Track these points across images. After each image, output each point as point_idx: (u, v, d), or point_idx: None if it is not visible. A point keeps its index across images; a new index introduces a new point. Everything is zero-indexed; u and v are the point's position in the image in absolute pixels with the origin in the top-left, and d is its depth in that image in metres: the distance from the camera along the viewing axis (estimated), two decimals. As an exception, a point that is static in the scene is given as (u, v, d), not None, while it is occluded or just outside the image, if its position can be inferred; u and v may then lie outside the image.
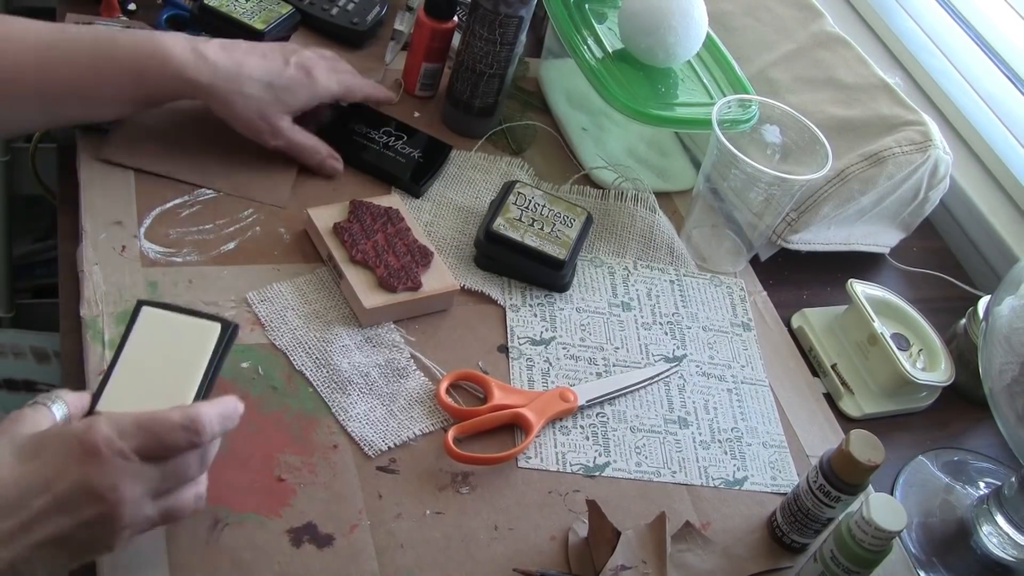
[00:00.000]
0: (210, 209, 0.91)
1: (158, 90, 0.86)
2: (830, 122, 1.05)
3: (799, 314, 1.03)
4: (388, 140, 1.00)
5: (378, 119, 1.03)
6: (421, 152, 1.01)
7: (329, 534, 0.73)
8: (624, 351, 0.93)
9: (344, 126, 1.01)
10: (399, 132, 1.02)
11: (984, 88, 1.29)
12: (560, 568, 0.76)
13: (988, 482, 0.95)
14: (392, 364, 0.84)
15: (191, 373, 0.68)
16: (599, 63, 1.03)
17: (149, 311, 0.70)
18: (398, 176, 0.98)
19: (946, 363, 0.98)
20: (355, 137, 1.00)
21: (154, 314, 0.70)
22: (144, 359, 0.68)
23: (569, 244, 0.94)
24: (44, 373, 1.16)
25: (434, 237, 0.96)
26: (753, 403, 0.93)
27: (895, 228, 1.14)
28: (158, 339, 0.69)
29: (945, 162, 1.06)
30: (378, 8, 1.13)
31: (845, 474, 0.75)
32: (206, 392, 0.68)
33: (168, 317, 0.70)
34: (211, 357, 0.69)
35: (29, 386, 1.15)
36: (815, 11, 1.20)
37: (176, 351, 0.69)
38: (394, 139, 1.01)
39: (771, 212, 0.99)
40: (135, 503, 0.59)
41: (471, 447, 0.81)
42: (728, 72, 1.09)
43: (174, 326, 0.70)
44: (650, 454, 0.86)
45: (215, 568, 0.69)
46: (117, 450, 0.58)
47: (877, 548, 0.74)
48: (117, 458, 0.58)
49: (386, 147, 1.00)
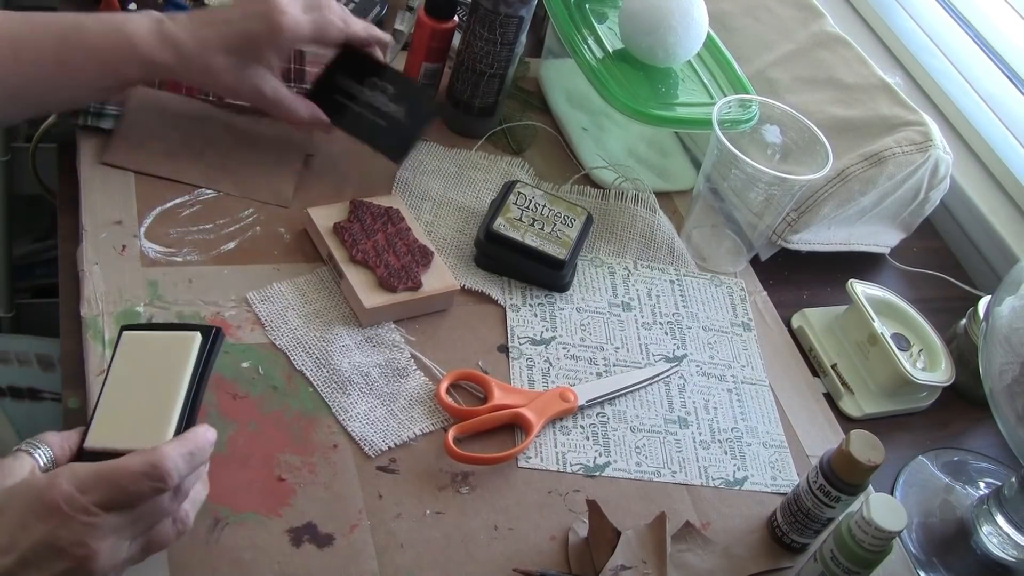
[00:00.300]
0: (210, 209, 0.91)
1: (127, 75, 0.84)
2: (830, 122, 1.05)
3: (799, 314, 1.03)
4: (372, 96, 0.90)
5: (364, 69, 0.93)
6: (406, 110, 0.92)
7: (329, 534, 0.73)
8: (624, 351, 0.93)
9: (332, 79, 0.92)
10: (384, 84, 0.91)
11: (984, 88, 1.29)
12: (560, 568, 0.76)
13: (988, 482, 0.95)
14: (392, 364, 0.84)
15: (173, 392, 0.65)
16: (599, 63, 1.03)
17: (129, 335, 0.68)
18: (376, 145, 0.92)
19: (946, 363, 0.98)
20: (337, 95, 0.91)
21: (134, 337, 0.68)
22: (127, 386, 0.66)
23: (569, 244, 0.94)
24: (49, 380, 1.16)
25: (434, 237, 0.96)
26: (753, 403, 0.93)
27: (895, 228, 1.14)
28: (139, 363, 0.67)
29: (945, 162, 1.06)
30: (378, 8, 1.13)
31: (845, 474, 0.75)
32: (191, 408, 0.65)
33: (146, 338, 0.68)
34: (193, 370, 0.66)
35: (33, 394, 1.15)
36: (815, 11, 1.20)
37: (157, 372, 0.66)
38: (379, 93, 0.90)
39: (771, 212, 0.99)
40: (107, 553, 0.58)
41: (471, 447, 0.81)
42: (728, 72, 1.09)
43: (153, 345, 0.67)
44: (650, 454, 0.86)
45: (215, 568, 0.69)
46: (79, 507, 0.56)
47: (877, 548, 0.74)
48: (80, 514, 0.56)
49: (368, 106, 0.91)
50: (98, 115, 0.93)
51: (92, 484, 0.57)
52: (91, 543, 0.57)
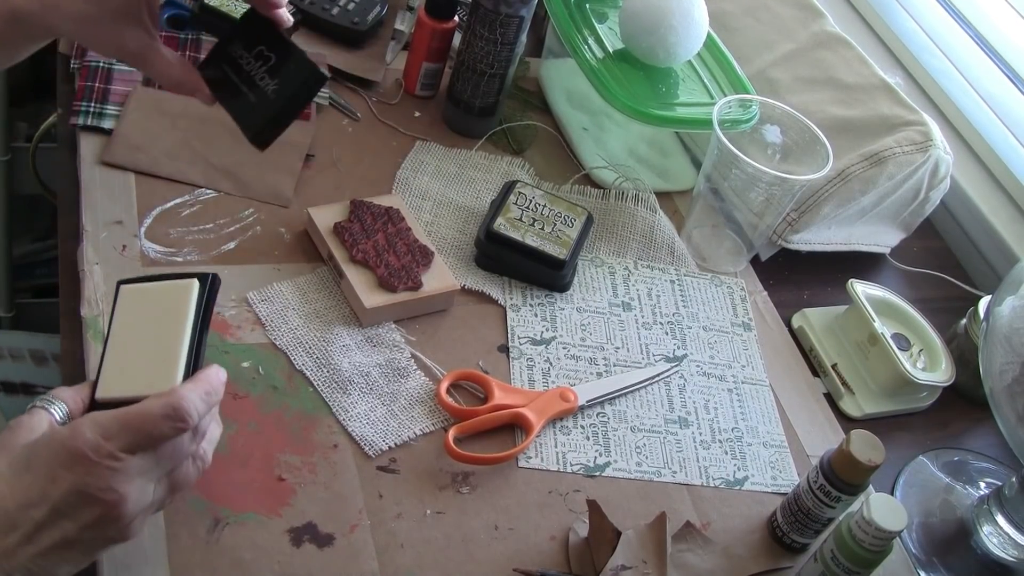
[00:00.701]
0: (210, 209, 0.91)
1: None
2: (831, 122, 1.05)
3: (799, 314, 1.03)
4: (253, 67, 0.77)
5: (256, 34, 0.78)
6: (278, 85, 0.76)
7: (329, 534, 0.73)
8: (624, 351, 0.93)
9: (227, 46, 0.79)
10: (269, 53, 0.77)
11: (985, 88, 1.29)
12: (560, 568, 0.76)
13: (988, 482, 0.95)
14: (393, 364, 0.84)
15: (178, 338, 0.66)
16: (600, 63, 1.03)
17: (127, 288, 0.69)
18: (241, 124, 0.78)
19: (946, 363, 0.98)
20: (223, 63, 0.78)
21: (132, 290, 0.69)
22: (131, 336, 0.67)
23: (570, 244, 0.94)
24: (42, 376, 1.16)
25: (434, 237, 0.96)
26: (753, 403, 0.93)
27: (896, 228, 1.14)
28: (140, 313, 0.68)
29: (946, 162, 1.06)
30: (379, 8, 1.13)
31: (845, 474, 0.75)
32: (197, 352, 0.66)
33: (145, 289, 0.69)
34: (194, 315, 0.67)
35: (27, 389, 1.15)
36: (815, 11, 1.20)
37: (159, 319, 0.67)
38: (260, 63, 0.76)
39: (772, 212, 0.99)
40: (136, 495, 0.59)
41: (471, 447, 0.81)
42: (729, 72, 1.09)
43: (152, 295, 0.68)
44: (650, 454, 0.86)
45: (215, 568, 0.69)
46: (105, 453, 0.58)
47: (877, 548, 0.74)
48: (106, 460, 0.58)
49: (247, 78, 0.77)
50: (98, 115, 0.93)
51: (115, 430, 0.58)
52: (119, 487, 0.58)
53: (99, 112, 0.94)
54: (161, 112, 0.96)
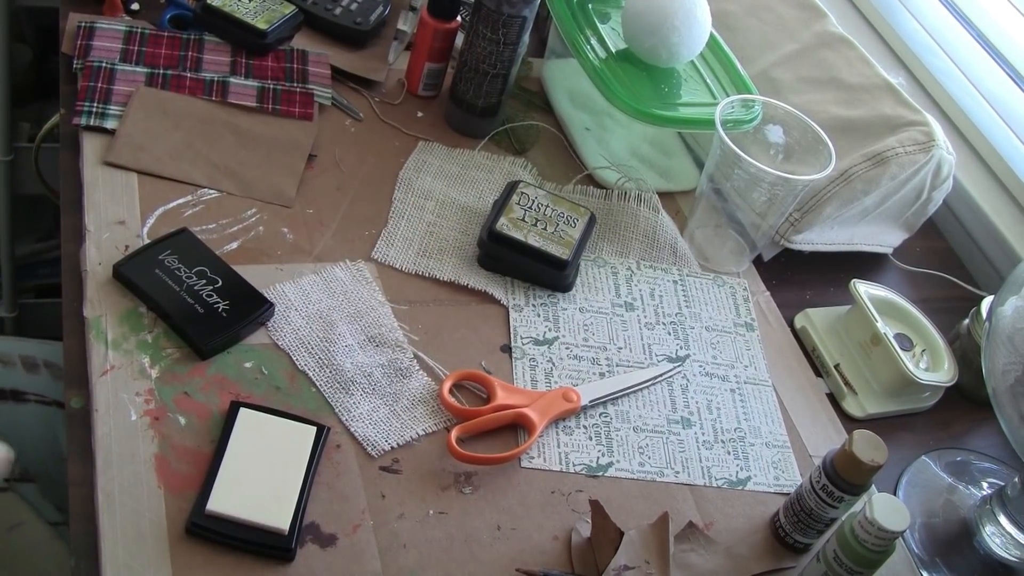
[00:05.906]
0: (213, 209, 0.91)
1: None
2: (833, 122, 1.05)
3: (802, 314, 1.03)
4: (195, 283, 0.83)
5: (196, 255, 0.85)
6: (231, 307, 0.82)
7: (332, 534, 0.73)
8: (627, 351, 0.93)
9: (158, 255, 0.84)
10: (215, 276, 0.84)
11: (987, 88, 1.29)
12: (563, 568, 0.76)
13: (991, 482, 0.95)
14: (395, 364, 0.84)
15: (294, 477, 0.73)
16: (602, 63, 1.03)
17: (247, 413, 0.76)
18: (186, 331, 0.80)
19: (949, 363, 0.98)
20: (158, 270, 0.83)
21: (251, 416, 0.75)
22: (246, 462, 0.73)
23: (572, 244, 0.94)
24: (33, 382, 1.15)
25: (437, 237, 0.96)
26: (756, 403, 0.93)
27: (898, 228, 1.14)
28: (257, 442, 0.74)
29: (948, 162, 1.06)
30: (381, 8, 1.13)
31: (848, 474, 0.75)
32: (308, 492, 0.73)
33: (264, 420, 0.76)
34: (310, 459, 0.74)
35: (17, 395, 1.13)
36: (818, 11, 1.20)
37: (277, 453, 0.74)
38: (204, 283, 0.83)
39: (774, 212, 0.99)
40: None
41: (474, 447, 0.81)
42: (731, 72, 1.09)
43: (271, 430, 0.75)
44: (653, 454, 0.86)
45: (217, 568, 0.69)
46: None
47: (880, 548, 0.74)
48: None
49: (190, 291, 0.82)
50: (101, 115, 0.93)
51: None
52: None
53: (102, 112, 0.94)
54: (164, 112, 0.96)
